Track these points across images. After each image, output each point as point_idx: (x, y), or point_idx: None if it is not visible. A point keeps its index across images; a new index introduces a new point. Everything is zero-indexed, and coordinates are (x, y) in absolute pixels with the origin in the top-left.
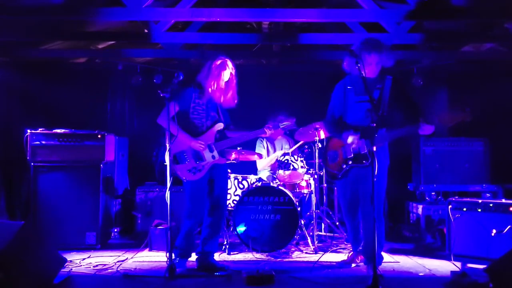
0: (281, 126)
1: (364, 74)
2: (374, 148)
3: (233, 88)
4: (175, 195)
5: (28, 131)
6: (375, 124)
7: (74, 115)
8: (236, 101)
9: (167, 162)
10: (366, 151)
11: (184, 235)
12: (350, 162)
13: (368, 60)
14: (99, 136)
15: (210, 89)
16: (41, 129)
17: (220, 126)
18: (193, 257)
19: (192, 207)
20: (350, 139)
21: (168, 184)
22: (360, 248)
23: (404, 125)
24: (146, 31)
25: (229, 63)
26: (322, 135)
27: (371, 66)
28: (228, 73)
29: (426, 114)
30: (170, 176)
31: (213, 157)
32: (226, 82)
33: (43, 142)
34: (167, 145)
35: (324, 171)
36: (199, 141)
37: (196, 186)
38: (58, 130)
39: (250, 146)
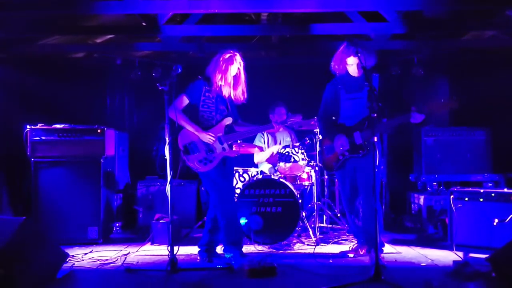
0: (289, 122)
1: (364, 64)
2: (375, 139)
3: (242, 83)
4: (176, 188)
5: (28, 126)
6: (375, 115)
7: (73, 110)
8: (245, 96)
9: (167, 156)
10: (362, 142)
11: (227, 225)
12: (347, 153)
13: (348, 62)
14: (99, 130)
15: (217, 83)
16: (40, 125)
17: (229, 120)
18: (196, 249)
19: (221, 195)
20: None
21: (169, 178)
22: (362, 241)
23: (396, 115)
24: (144, 24)
25: (237, 58)
26: None
27: (352, 66)
28: (235, 67)
29: (416, 103)
30: (171, 169)
31: (224, 149)
32: (234, 77)
33: (43, 137)
34: (167, 138)
35: (321, 163)
36: (209, 133)
37: (215, 173)
38: (58, 126)
39: (250, 139)
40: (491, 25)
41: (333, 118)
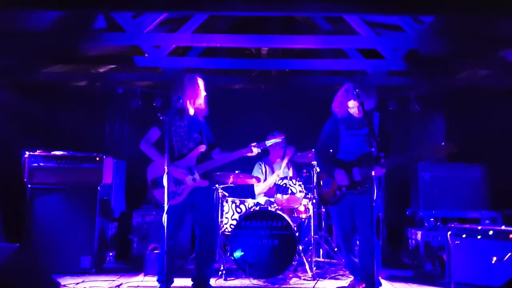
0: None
1: (362, 100)
2: (373, 173)
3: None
4: None
5: (27, 153)
6: (373, 149)
7: (73, 137)
8: (206, 107)
9: (166, 184)
10: (360, 179)
11: (165, 257)
12: (344, 189)
13: (349, 105)
14: (97, 158)
15: (189, 105)
16: (39, 151)
17: (202, 148)
18: (189, 282)
19: (169, 230)
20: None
21: (166, 207)
22: (359, 278)
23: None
24: (147, 55)
25: (196, 76)
26: None
27: (353, 109)
28: (201, 83)
29: (415, 146)
30: (152, 200)
31: (194, 179)
32: (200, 93)
33: (41, 164)
34: (166, 168)
35: (317, 196)
36: (178, 169)
37: (174, 209)
38: (57, 152)
39: (248, 170)
40: (485, 65)
41: (331, 152)
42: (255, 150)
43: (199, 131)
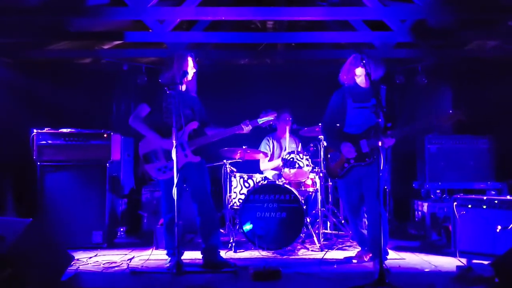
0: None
1: (369, 70)
2: (380, 143)
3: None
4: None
5: (35, 130)
6: (380, 120)
7: (80, 115)
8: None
9: (174, 158)
10: (368, 150)
11: (167, 232)
12: (352, 161)
13: (356, 73)
14: (105, 135)
15: (180, 82)
16: (47, 129)
17: (194, 124)
18: (200, 255)
19: (167, 204)
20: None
21: (175, 181)
22: (366, 248)
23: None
24: (151, 30)
25: (187, 54)
26: None
27: (360, 77)
28: (191, 61)
29: (423, 115)
30: (145, 175)
31: (185, 155)
32: (189, 71)
33: (49, 141)
34: (174, 142)
35: (325, 170)
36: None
37: (169, 184)
38: (64, 130)
39: (256, 145)
40: (494, 34)
41: (338, 125)
42: (246, 128)
43: (191, 107)
